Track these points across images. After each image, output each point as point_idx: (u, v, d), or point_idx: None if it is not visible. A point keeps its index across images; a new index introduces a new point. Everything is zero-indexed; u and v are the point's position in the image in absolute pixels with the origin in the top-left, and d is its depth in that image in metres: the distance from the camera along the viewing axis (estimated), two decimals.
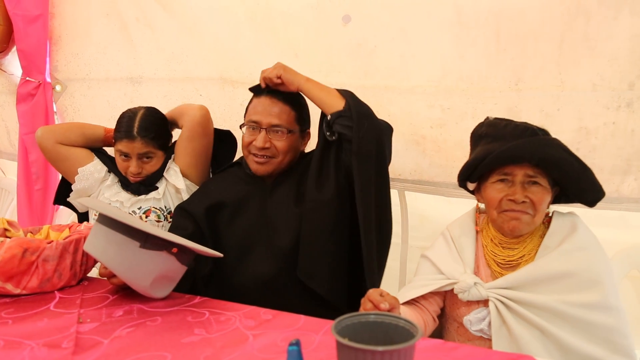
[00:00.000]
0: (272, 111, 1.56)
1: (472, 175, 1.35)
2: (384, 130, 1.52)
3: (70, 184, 1.83)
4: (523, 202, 1.26)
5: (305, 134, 1.67)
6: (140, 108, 1.77)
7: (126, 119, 1.73)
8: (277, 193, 1.61)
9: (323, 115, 1.54)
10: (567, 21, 1.63)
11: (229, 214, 1.60)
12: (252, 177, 1.64)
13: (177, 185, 1.75)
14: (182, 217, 1.60)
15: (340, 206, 1.51)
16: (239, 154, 2.02)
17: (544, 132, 1.29)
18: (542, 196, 1.26)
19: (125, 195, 1.77)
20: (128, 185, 1.78)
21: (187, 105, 1.84)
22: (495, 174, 1.30)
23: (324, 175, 1.53)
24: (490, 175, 1.31)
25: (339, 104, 1.47)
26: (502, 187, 1.29)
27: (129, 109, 1.78)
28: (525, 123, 1.31)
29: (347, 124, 1.44)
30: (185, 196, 1.75)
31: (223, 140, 1.91)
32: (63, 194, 1.89)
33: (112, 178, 1.80)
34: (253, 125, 1.57)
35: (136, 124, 1.71)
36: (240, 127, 1.63)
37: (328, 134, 1.50)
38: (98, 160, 1.81)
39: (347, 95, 1.49)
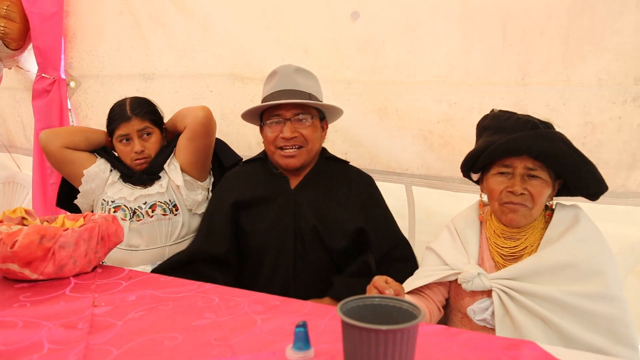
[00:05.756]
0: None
1: (474, 167, 1.37)
2: None
3: (71, 186, 1.87)
4: (522, 194, 1.28)
5: (324, 123, 1.69)
6: (125, 98, 1.85)
7: (117, 107, 1.82)
8: (302, 198, 1.62)
9: None
10: (572, 16, 1.64)
11: (253, 214, 1.62)
12: (277, 176, 1.67)
13: (175, 182, 1.80)
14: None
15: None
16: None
17: (546, 125, 1.30)
18: (541, 189, 1.28)
19: (127, 191, 1.80)
20: (131, 176, 1.82)
21: (187, 108, 1.88)
22: (496, 166, 1.32)
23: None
24: (492, 167, 1.33)
25: None
26: (503, 179, 1.31)
27: (115, 102, 1.85)
28: (528, 116, 1.32)
29: None
30: (185, 192, 1.79)
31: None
32: (65, 196, 1.93)
33: (113, 176, 1.84)
34: (277, 119, 1.59)
35: (127, 107, 1.79)
36: (261, 127, 1.64)
37: None
38: (101, 159, 1.85)
39: None
